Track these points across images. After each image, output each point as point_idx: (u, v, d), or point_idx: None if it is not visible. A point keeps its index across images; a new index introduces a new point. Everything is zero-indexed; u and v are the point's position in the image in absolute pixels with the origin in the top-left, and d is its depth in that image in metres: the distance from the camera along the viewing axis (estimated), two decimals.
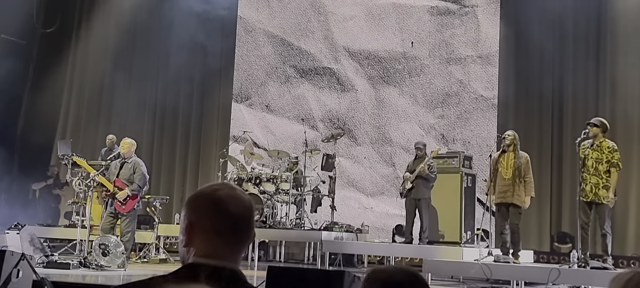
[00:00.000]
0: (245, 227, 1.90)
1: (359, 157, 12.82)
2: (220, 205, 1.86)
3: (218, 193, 1.89)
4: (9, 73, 14.18)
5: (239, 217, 1.87)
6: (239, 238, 1.88)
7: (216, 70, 14.24)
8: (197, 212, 1.88)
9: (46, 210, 14.07)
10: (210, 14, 13.59)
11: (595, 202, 8.22)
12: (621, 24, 11.19)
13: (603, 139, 8.32)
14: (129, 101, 14.86)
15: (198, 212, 1.88)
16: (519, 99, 11.82)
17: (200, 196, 1.91)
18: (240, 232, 1.88)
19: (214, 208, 1.86)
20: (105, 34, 15.47)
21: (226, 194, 1.88)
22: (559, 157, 11.26)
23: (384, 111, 12.78)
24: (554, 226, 11.18)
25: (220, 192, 1.89)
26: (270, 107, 13.66)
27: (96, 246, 8.74)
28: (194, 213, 1.88)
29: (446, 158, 10.55)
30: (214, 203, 1.87)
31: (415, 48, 12.66)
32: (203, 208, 1.87)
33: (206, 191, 1.91)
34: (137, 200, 9.52)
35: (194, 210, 1.89)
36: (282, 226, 10.98)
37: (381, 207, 12.42)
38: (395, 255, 10.35)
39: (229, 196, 1.88)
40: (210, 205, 1.87)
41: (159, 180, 14.06)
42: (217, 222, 1.86)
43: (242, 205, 1.89)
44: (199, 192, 1.92)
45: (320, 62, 13.39)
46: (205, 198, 1.89)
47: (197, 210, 1.88)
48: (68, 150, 11.56)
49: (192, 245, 1.86)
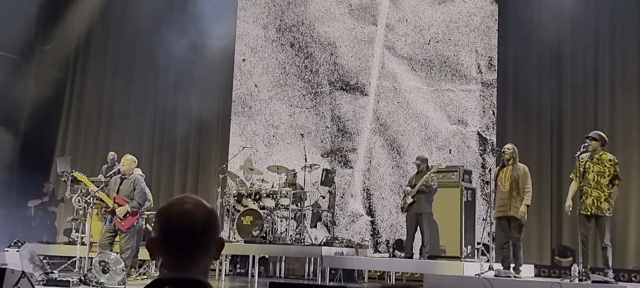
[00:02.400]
0: (198, 240, 1.92)
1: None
2: (168, 221, 1.93)
3: (169, 209, 1.96)
4: (8, 89, 14.21)
5: (185, 232, 1.91)
6: (193, 252, 1.92)
7: (215, 86, 14.24)
8: (154, 228, 1.97)
9: (42, 227, 14.04)
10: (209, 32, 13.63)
11: (596, 215, 8.22)
12: (619, 35, 11.22)
13: (602, 152, 8.34)
14: (128, 117, 14.88)
15: (155, 228, 1.97)
16: (518, 112, 11.82)
17: (157, 212, 2.01)
18: (191, 246, 1.91)
19: (164, 225, 1.94)
20: (104, 50, 15.52)
21: (178, 210, 1.94)
22: (559, 170, 11.25)
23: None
24: (554, 239, 11.15)
25: (171, 208, 1.95)
26: (271, 122, 13.65)
27: (96, 263, 8.71)
28: (154, 229, 1.97)
29: (446, 172, 10.54)
30: (163, 219, 1.95)
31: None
32: (157, 224, 1.96)
33: (162, 207, 1.99)
34: (136, 217, 9.49)
35: (154, 226, 1.98)
36: (282, 241, 10.96)
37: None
38: (395, 270, 10.32)
39: (179, 211, 1.93)
40: (161, 222, 1.95)
41: (158, 196, 14.03)
42: (167, 237, 1.93)
43: (190, 220, 1.92)
44: (160, 207, 2.00)
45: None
46: (159, 214, 1.98)
47: (154, 226, 1.97)
48: (67, 167, 11.55)
49: (155, 259, 1.95)
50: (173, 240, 1.91)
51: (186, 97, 14.22)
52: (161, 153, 14.59)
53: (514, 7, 11.97)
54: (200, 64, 13.91)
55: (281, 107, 13.56)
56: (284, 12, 13.83)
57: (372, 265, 10.79)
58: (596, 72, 11.30)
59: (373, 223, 12.31)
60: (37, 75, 15.74)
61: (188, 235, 1.91)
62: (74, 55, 15.81)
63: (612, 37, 11.27)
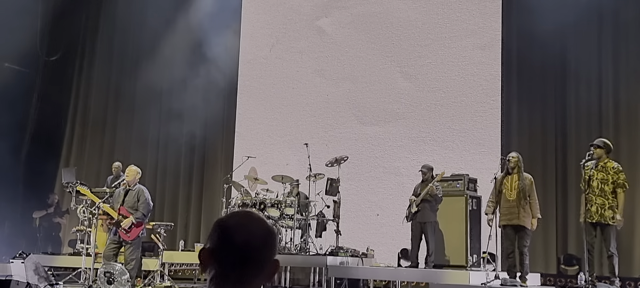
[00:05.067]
0: (253, 257, 1.84)
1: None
2: (226, 233, 1.85)
3: (228, 221, 1.88)
4: (13, 101, 14.24)
5: (243, 247, 1.83)
6: (245, 268, 1.84)
7: (219, 95, 14.26)
8: (210, 239, 1.88)
9: (47, 238, 14.05)
10: (213, 38, 13.67)
11: (601, 223, 8.20)
12: (623, 45, 11.22)
13: (607, 160, 8.32)
14: (132, 128, 14.92)
15: (210, 239, 1.88)
16: (522, 120, 11.81)
17: (215, 222, 1.91)
18: (245, 262, 1.83)
19: (220, 237, 1.85)
20: (108, 60, 15.57)
21: (235, 222, 1.86)
22: (564, 178, 11.23)
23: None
24: (560, 248, 11.11)
25: (230, 220, 1.88)
26: (275, 130, 13.67)
27: (101, 274, 8.72)
28: (209, 239, 1.89)
29: (451, 181, 10.52)
30: (221, 231, 1.86)
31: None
32: (213, 235, 1.87)
33: (221, 218, 1.91)
34: (141, 228, 9.51)
35: (210, 236, 1.89)
36: (287, 251, 10.94)
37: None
38: (401, 280, 10.30)
39: (237, 224, 1.86)
40: (218, 233, 1.86)
41: (162, 207, 14.05)
42: (221, 250, 1.84)
43: (249, 234, 1.84)
44: (218, 218, 1.93)
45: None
46: (216, 225, 1.89)
47: (210, 237, 1.89)
48: (72, 178, 11.57)
49: (206, 270, 1.87)
50: (227, 253, 1.83)
51: (191, 107, 14.23)
52: (165, 163, 14.59)
53: (518, 18, 11.97)
54: (205, 72, 13.92)
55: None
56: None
57: (377, 275, 10.76)
58: (600, 79, 11.29)
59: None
60: (42, 86, 15.79)
61: (243, 249, 1.83)
62: (79, 67, 15.86)
63: (616, 44, 11.26)
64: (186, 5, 14.10)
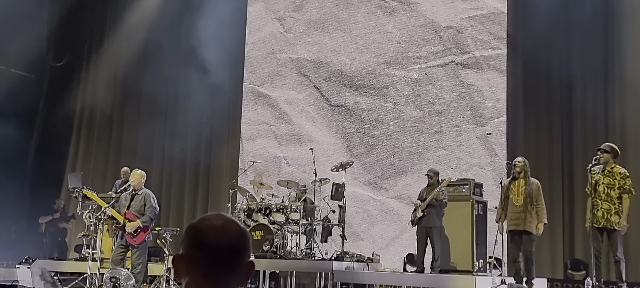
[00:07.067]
0: (226, 259, 1.79)
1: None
2: (198, 237, 1.81)
3: (200, 224, 1.83)
4: (20, 107, 14.30)
5: (215, 249, 1.78)
6: (219, 270, 1.79)
7: (225, 98, 14.28)
8: (182, 244, 1.85)
9: (53, 243, 14.07)
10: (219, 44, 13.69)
11: (607, 228, 8.16)
12: (629, 49, 11.18)
13: (614, 165, 8.29)
14: (138, 133, 14.94)
15: (182, 244, 1.84)
16: (529, 125, 11.77)
17: (187, 227, 1.87)
18: (218, 264, 1.78)
19: (192, 240, 1.81)
20: (114, 67, 15.60)
21: (208, 225, 1.81)
22: (570, 183, 11.18)
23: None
24: (566, 253, 11.06)
25: (203, 223, 1.83)
26: (279, 134, 13.67)
27: (107, 279, 8.73)
28: (182, 245, 1.85)
29: (457, 186, 10.49)
30: (192, 234, 1.82)
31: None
32: (185, 240, 1.83)
33: (192, 222, 1.87)
34: (148, 232, 9.51)
35: (182, 242, 1.85)
36: (293, 256, 10.93)
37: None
38: (406, 285, 10.26)
39: (209, 227, 1.81)
40: (189, 236, 1.82)
41: (168, 212, 14.06)
42: (194, 254, 1.80)
43: (222, 237, 1.80)
44: (190, 223, 1.88)
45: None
46: (188, 229, 1.84)
47: (182, 242, 1.85)
48: (79, 183, 11.59)
49: (180, 278, 1.83)
50: (201, 257, 1.78)
51: (197, 111, 14.26)
52: (171, 168, 14.61)
53: (523, 23, 11.95)
54: (211, 75, 13.93)
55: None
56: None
57: (383, 280, 10.73)
58: (606, 84, 11.25)
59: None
60: (48, 92, 15.84)
61: (217, 252, 1.78)
62: (85, 72, 15.91)
63: (623, 48, 11.22)
64: (192, 8, 14.12)
